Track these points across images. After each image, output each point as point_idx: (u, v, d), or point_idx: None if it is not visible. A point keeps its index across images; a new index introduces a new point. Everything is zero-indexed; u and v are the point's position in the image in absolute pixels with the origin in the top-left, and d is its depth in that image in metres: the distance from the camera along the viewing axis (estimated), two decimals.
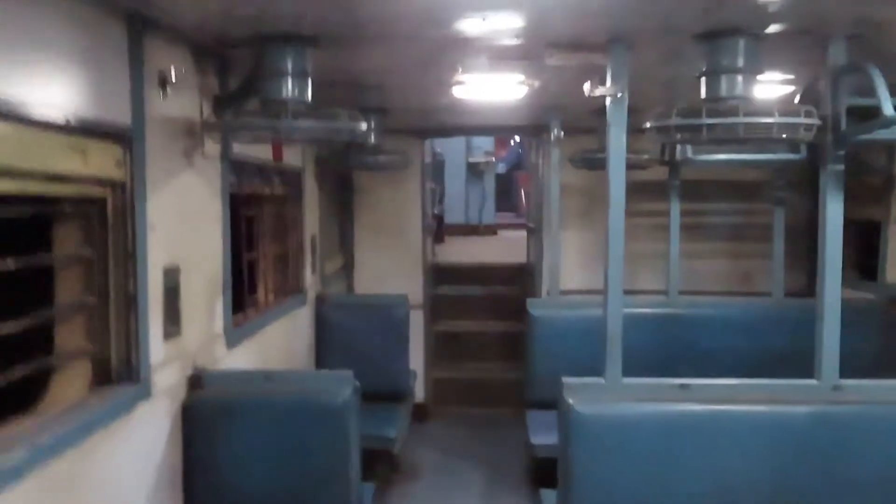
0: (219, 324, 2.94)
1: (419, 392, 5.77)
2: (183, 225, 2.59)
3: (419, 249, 5.85)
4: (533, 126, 5.60)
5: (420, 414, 5.74)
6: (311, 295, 4.51)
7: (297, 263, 4.25)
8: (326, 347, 4.64)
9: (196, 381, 2.63)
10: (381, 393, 4.09)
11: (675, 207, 4.64)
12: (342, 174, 5.60)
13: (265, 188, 3.69)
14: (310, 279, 4.51)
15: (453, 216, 11.13)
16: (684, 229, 4.97)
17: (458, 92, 3.58)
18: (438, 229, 9.33)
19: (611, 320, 2.67)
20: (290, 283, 4.18)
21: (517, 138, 23.61)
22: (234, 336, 3.08)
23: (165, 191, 2.42)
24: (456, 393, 6.17)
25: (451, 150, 10.98)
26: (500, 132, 5.85)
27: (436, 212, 8.52)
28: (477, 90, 3.53)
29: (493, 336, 6.50)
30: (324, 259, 4.93)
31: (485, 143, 11.60)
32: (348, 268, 5.78)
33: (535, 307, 4.60)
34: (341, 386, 2.67)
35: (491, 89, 3.51)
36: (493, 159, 11.62)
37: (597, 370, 2.62)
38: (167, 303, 2.41)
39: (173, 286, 2.45)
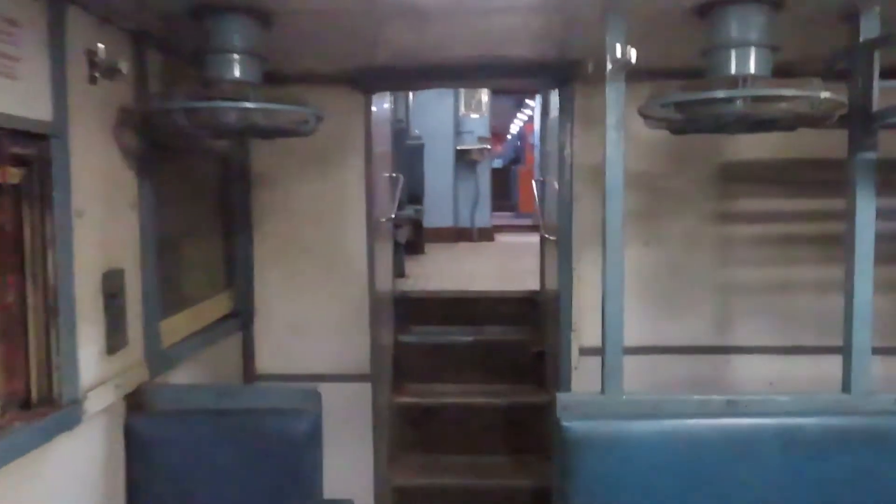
0: None
1: None
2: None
3: (363, 277, 3.46)
4: (556, 65, 3.22)
5: None
6: (96, 403, 2.12)
7: (41, 338, 1.91)
8: None
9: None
10: None
11: (866, 205, 2.22)
12: (222, 154, 3.21)
13: None
14: (97, 367, 2.14)
15: (438, 218, 8.75)
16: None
17: None
18: (416, 237, 6.94)
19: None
20: (14, 386, 1.83)
21: (517, 126, 21.35)
22: None
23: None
24: None
25: (434, 132, 8.59)
26: (501, 76, 3.34)
27: (410, 214, 6.12)
28: None
29: (491, 412, 4.11)
30: (164, 312, 2.58)
31: (478, 126, 9.22)
32: (243, 318, 3.39)
33: (570, 414, 2.28)
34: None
35: None
36: (490, 147, 9.24)
37: None
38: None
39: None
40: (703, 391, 2.67)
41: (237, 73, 2.18)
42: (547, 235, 3.72)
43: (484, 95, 9.15)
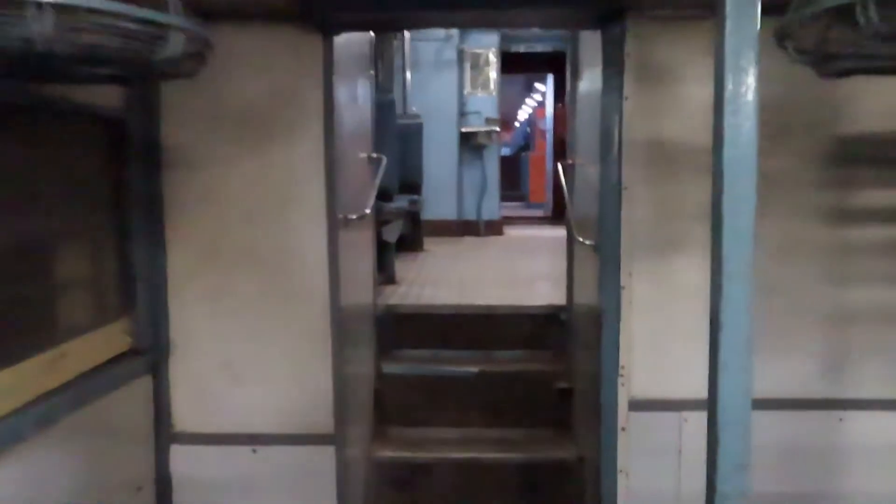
0: None
1: None
2: None
3: (322, 294, 2.42)
4: None
5: None
6: None
7: None
8: None
9: None
10: None
11: None
12: (111, 117, 2.18)
13: None
14: None
15: (439, 209, 7.72)
16: None
17: None
18: (412, 232, 5.92)
19: None
20: None
21: (525, 113, 20.25)
22: None
23: None
24: None
25: (435, 111, 7.54)
26: (517, 3, 2.29)
27: (403, 206, 5.09)
28: None
29: (502, 471, 3.09)
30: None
31: (485, 106, 8.16)
32: (152, 357, 2.37)
33: None
34: None
35: None
36: (499, 129, 8.18)
37: None
38: None
39: None
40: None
41: None
42: (581, 238, 2.69)
43: (493, 72, 8.10)
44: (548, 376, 3.35)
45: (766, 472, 2.41)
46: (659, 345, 2.39)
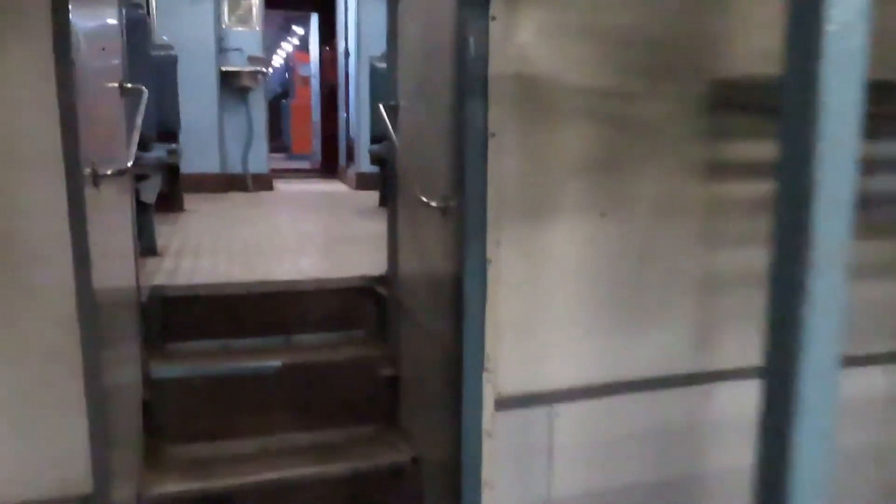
0: None
1: None
2: None
3: (63, 286, 1.58)
4: None
5: None
6: None
7: None
8: None
9: None
10: None
11: None
12: None
13: None
14: None
15: (199, 162, 6.66)
16: None
17: None
18: (170, 190, 4.91)
19: None
20: None
21: (279, 58, 18.88)
22: None
23: None
24: None
25: (190, 45, 6.41)
26: None
27: (161, 156, 4.09)
28: None
29: (324, 489, 2.49)
30: None
31: (247, 42, 7.14)
32: None
33: None
34: None
35: None
36: (265, 70, 7.22)
37: None
38: None
39: None
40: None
41: None
42: (424, 199, 2.14)
43: (255, 2, 7.09)
44: (366, 362, 2.80)
45: (635, 461, 2.14)
46: (529, 329, 1.95)
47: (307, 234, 4.49)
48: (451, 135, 1.99)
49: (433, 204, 2.09)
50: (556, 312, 1.95)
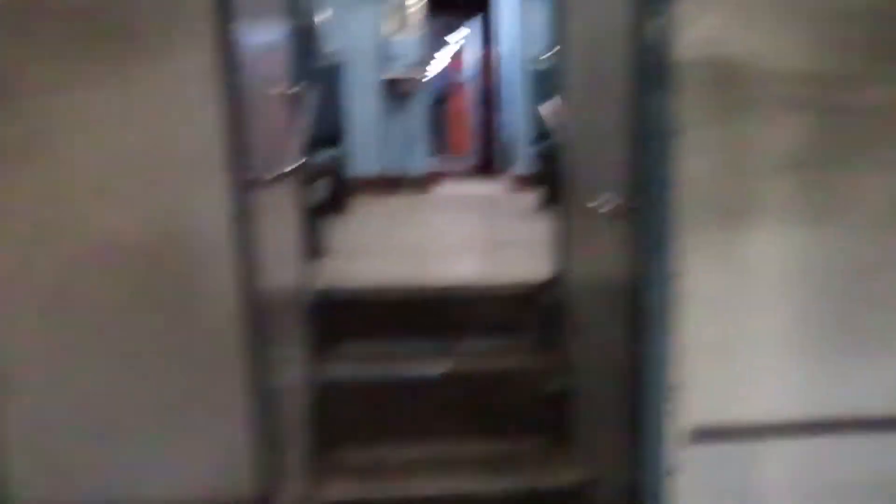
0: None
1: None
2: None
3: (224, 292, 1.57)
4: None
5: None
6: None
7: None
8: None
9: None
10: None
11: None
12: None
13: None
14: None
15: (361, 165, 6.84)
16: None
17: None
18: (335, 194, 5.03)
19: None
20: None
21: (439, 66, 19.30)
22: None
23: None
24: None
25: (353, 52, 6.60)
26: None
27: (326, 161, 4.20)
28: None
29: (492, 503, 2.38)
30: None
31: (410, 49, 7.25)
32: None
33: None
34: None
35: None
36: (427, 75, 7.31)
37: None
38: None
39: None
40: None
41: None
42: (596, 202, 1.95)
43: (418, 10, 7.18)
44: (532, 372, 2.65)
45: None
46: (726, 352, 1.70)
47: (466, 237, 4.42)
48: (627, 131, 1.79)
49: (606, 208, 1.90)
50: (759, 333, 1.68)
